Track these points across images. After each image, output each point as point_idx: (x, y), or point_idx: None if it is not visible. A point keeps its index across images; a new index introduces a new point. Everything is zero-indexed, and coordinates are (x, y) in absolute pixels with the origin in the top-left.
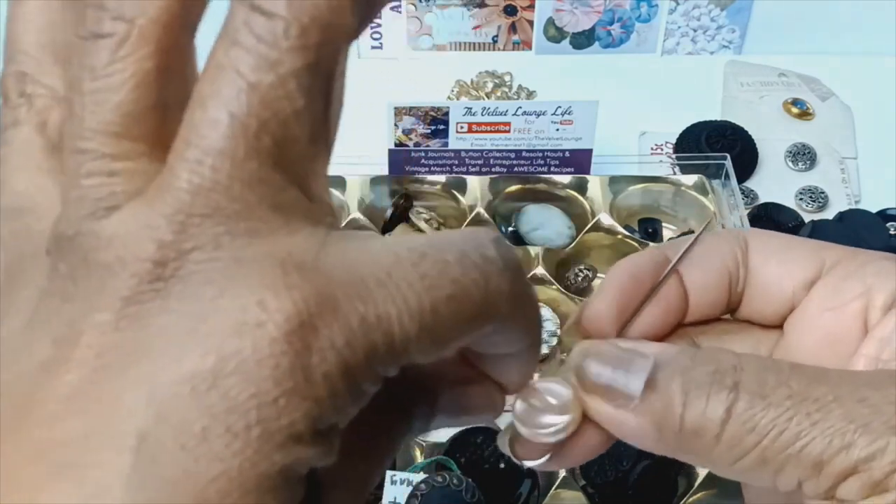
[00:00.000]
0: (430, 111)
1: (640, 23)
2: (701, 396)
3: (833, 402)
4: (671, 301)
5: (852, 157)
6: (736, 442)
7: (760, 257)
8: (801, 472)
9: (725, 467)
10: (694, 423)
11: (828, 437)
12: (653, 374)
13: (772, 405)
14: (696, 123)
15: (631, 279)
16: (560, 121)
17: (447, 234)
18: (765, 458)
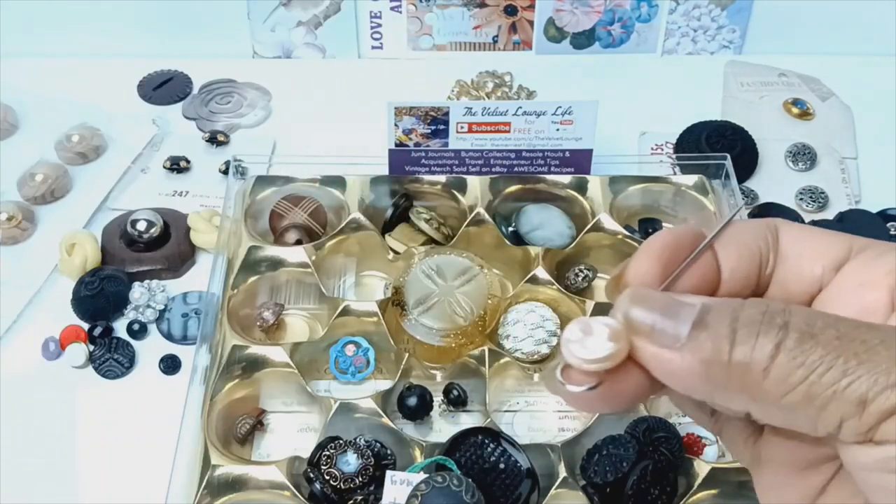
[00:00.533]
0: (431, 111)
1: (640, 23)
2: (751, 334)
3: (880, 344)
4: (706, 273)
5: (852, 157)
6: (784, 377)
7: (791, 241)
8: (845, 410)
9: (772, 403)
10: (743, 358)
11: (874, 377)
12: (701, 316)
13: (820, 343)
14: (697, 123)
15: (673, 242)
16: (560, 121)
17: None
18: (811, 394)
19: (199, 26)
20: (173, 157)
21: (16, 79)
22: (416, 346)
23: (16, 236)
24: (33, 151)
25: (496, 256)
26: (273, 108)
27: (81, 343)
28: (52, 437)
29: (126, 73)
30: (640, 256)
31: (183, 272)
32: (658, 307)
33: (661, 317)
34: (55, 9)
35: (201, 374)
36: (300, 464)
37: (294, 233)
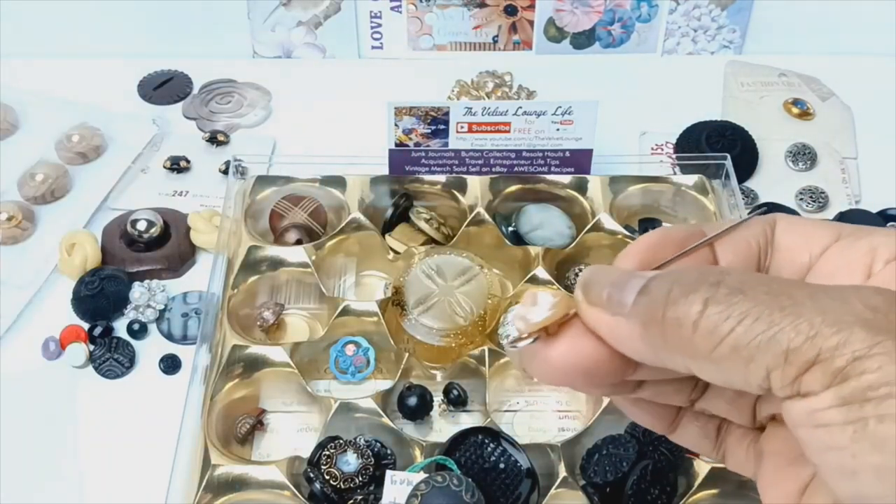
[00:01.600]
0: (431, 111)
1: (640, 23)
2: (684, 292)
3: (807, 298)
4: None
5: (852, 157)
6: (712, 330)
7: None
8: (770, 361)
9: (704, 358)
10: (675, 314)
11: (796, 327)
12: (646, 284)
13: (748, 297)
14: (697, 123)
15: (660, 241)
16: (560, 121)
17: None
18: (737, 346)
19: (199, 26)
20: (173, 157)
21: (16, 79)
22: (416, 345)
23: (16, 236)
24: (33, 151)
25: (496, 256)
26: (273, 108)
27: (81, 343)
28: (52, 437)
29: (126, 73)
30: (623, 255)
31: (183, 272)
32: (610, 279)
33: (612, 287)
34: (55, 9)
35: (201, 374)
36: (300, 463)
37: (294, 233)
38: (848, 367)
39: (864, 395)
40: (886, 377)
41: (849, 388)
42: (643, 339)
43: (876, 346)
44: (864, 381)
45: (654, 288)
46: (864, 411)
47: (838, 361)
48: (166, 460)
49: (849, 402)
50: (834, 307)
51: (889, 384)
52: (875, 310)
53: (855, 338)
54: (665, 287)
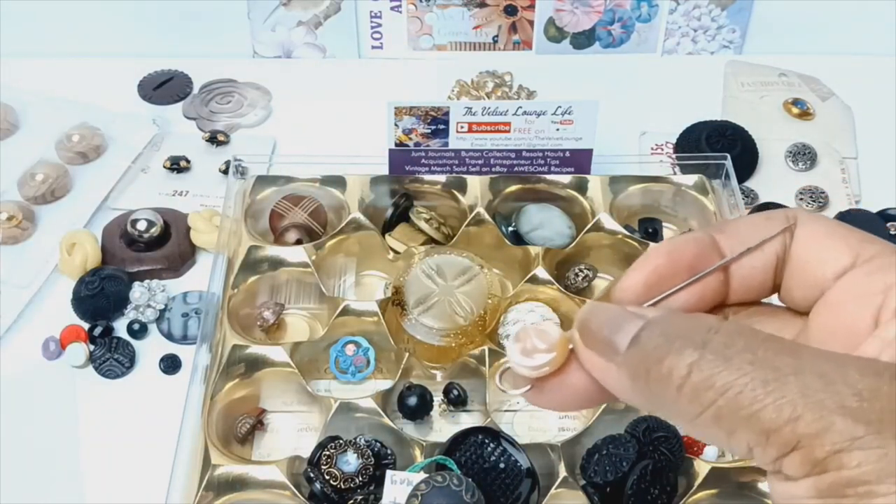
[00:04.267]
0: (431, 111)
1: (640, 23)
2: (669, 351)
3: (792, 374)
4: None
5: (852, 157)
6: (695, 396)
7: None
8: (751, 438)
9: (687, 421)
10: (659, 375)
11: (778, 408)
12: (640, 331)
13: (732, 367)
14: (697, 123)
15: (667, 257)
16: (560, 121)
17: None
18: (719, 417)
19: (199, 26)
20: (173, 157)
21: (16, 79)
22: (416, 345)
23: (16, 236)
24: (33, 151)
25: (496, 256)
26: (273, 108)
27: (81, 343)
28: (52, 437)
29: (126, 73)
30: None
31: (183, 272)
32: (608, 320)
33: (608, 330)
34: (55, 9)
35: (201, 374)
36: (300, 463)
37: (294, 232)
38: (827, 458)
39: (843, 491)
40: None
41: (827, 481)
42: (632, 390)
43: (857, 440)
44: (843, 477)
45: (644, 340)
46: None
47: (818, 452)
48: (166, 460)
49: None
50: (818, 389)
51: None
52: (860, 397)
53: (835, 428)
54: (654, 341)
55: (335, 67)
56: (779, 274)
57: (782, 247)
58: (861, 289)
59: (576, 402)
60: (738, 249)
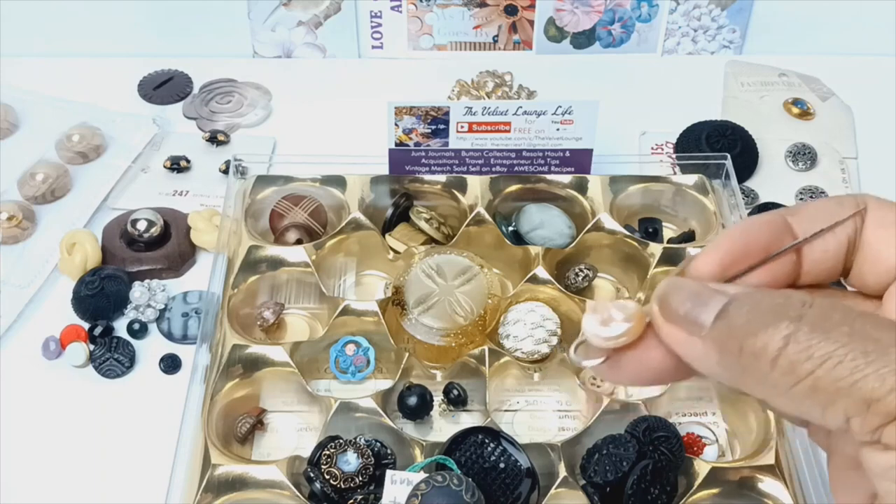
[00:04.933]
0: (431, 111)
1: (640, 23)
2: (764, 325)
3: (893, 345)
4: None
5: (852, 157)
6: (791, 368)
7: (873, 227)
8: (851, 408)
9: (781, 394)
10: (753, 347)
11: (882, 376)
12: (726, 306)
13: (831, 338)
14: (697, 123)
15: (742, 238)
16: (560, 120)
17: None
18: (817, 388)
19: (199, 26)
20: (173, 157)
21: (16, 79)
22: (416, 345)
23: (16, 236)
24: (33, 151)
25: (496, 256)
26: (273, 108)
27: (82, 342)
28: (52, 437)
29: (126, 73)
30: (704, 253)
31: (183, 272)
32: (690, 295)
33: (691, 305)
34: (55, 9)
35: (201, 374)
36: (300, 463)
37: (294, 232)
38: None
39: None
40: None
41: None
42: (719, 364)
43: None
44: None
45: (734, 313)
46: None
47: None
48: (166, 460)
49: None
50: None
51: None
52: None
53: None
54: (744, 314)
55: (335, 67)
56: (849, 258)
57: (854, 231)
58: None
59: (650, 377)
60: (810, 232)
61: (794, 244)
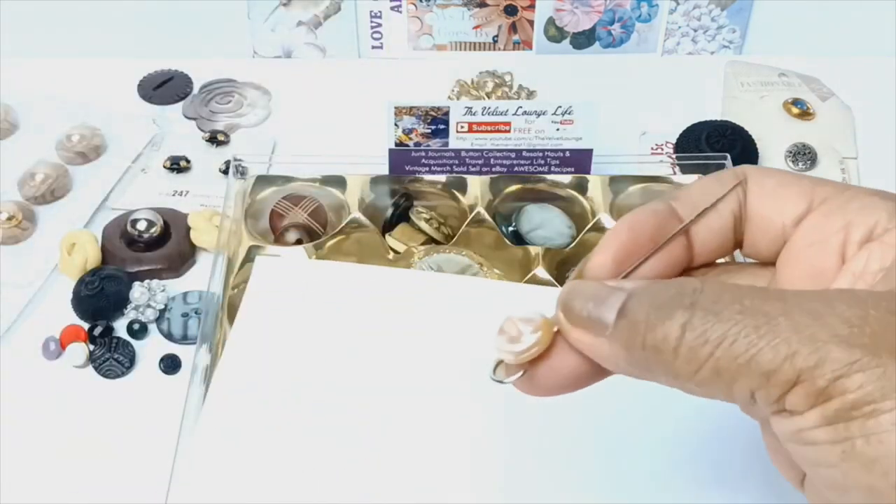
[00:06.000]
0: (431, 111)
1: (640, 23)
2: (661, 317)
3: (782, 315)
4: (673, 251)
5: (852, 157)
6: (692, 355)
7: (757, 196)
8: (752, 382)
9: (688, 381)
10: (654, 341)
11: (774, 348)
12: (624, 303)
13: (723, 319)
14: (697, 123)
15: (629, 232)
16: (560, 121)
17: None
18: (718, 369)
19: (199, 26)
20: (173, 157)
21: (16, 79)
22: None
23: (16, 236)
24: (33, 151)
25: (496, 256)
26: (273, 108)
27: (82, 343)
28: (52, 437)
29: (126, 73)
30: (597, 253)
31: (183, 272)
32: (590, 297)
33: (593, 306)
34: (55, 9)
35: (201, 374)
36: None
37: (294, 232)
38: (829, 386)
39: (849, 414)
40: (869, 395)
41: (832, 407)
42: (627, 361)
43: (854, 363)
44: (847, 401)
45: (632, 310)
46: (849, 431)
47: (819, 381)
48: (166, 460)
49: (834, 421)
50: (808, 324)
51: (873, 402)
52: (850, 324)
53: (832, 357)
54: (643, 309)
55: (335, 67)
56: (738, 231)
57: (738, 204)
58: (821, 231)
59: (568, 384)
60: (694, 214)
61: (679, 229)
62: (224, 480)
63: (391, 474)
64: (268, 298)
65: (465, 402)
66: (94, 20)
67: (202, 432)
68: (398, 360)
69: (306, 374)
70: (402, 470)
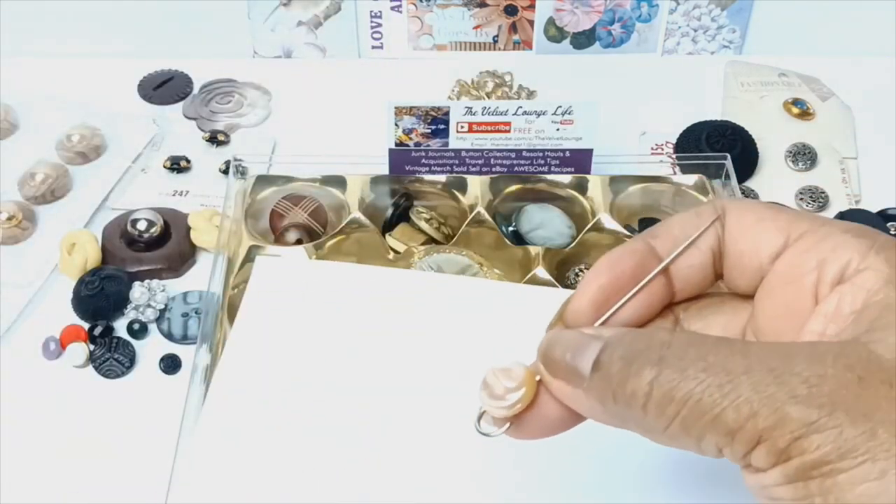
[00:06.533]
0: (431, 111)
1: (640, 23)
2: (630, 373)
3: (744, 373)
4: (653, 289)
5: (852, 157)
6: (660, 411)
7: (734, 232)
8: (718, 440)
9: (658, 434)
10: (625, 397)
11: (736, 408)
12: (599, 355)
13: (689, 377)
14: (697, 123)
15: (608, 274)
16: (560, 121)
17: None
18: (686, 426)
19: (199, 26)
20: (173, 157)
21: (16, 79)
22: None
23: (16, 236)
24: (33, 151)
25: (496, 256)
26: (273, 108)
27: (82, 342)
28: (52, 437)
29: (126, 73)
30: (577, 296)
31: (183, 272)
32: (568, 347)
33: (570, 356)
34: (55, 9)
35: (201, 374)
36: None
37: (294, 232)
38: (789, 446)
39: (808, 473)
40: (826, 456)
41: (793, 466)
42: (604, 413)
43: (812, 424)
44: (806, 461)
45: (606, 363)
46: (808, 489)
47: (779, 442)
48: (166, 460)
49: (794, 480)
50: (769, 383)
51: (830, 462)
52: (808, 383)
53: (791, 418)
54: (614, 363)
55: (335, 67)
56: (718, 265)
57: (716, 240)
58: (796, 268)
59: (555, 429)
60: (674, 251)
61: (658, 270)
62: (224, 480)
63: (391, 474)
64: (268, 298)
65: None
66: (94, 20)
67: (202, 432)
68: (398, 361)
69: (306, 374)
70: (401, 470)
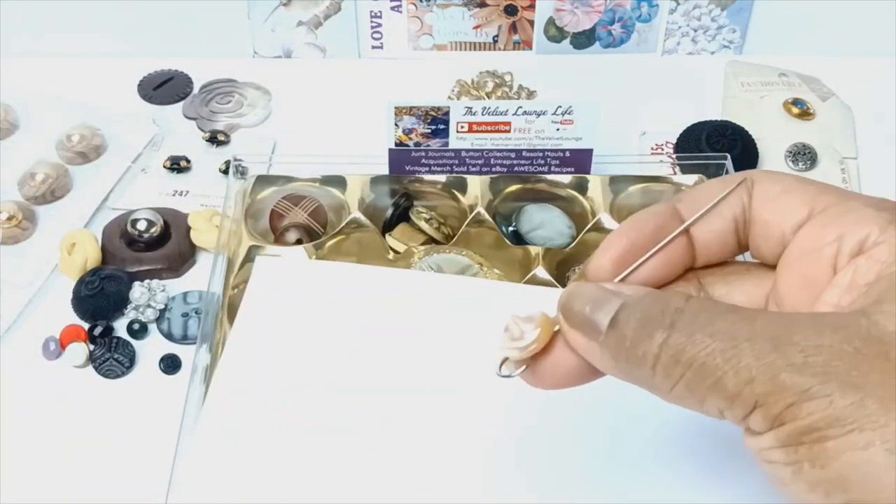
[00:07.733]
0: (431, 111)
1: (640, 23)
2: (643, 335)
3: (747, 341)
4: (674, 251)
5: (852, 157)
6: (667, 373)
7: (760, 201)
8: (719, 402)
9: (665, 394)
10: (635, 354)
11: (737, 372)
12: (617, 312)
13: (695, 342)
14: (697, 123)
15: (630, 233)
16: (560, 120)
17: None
18: (690, 388)
19: (199, 26)
20: (173, 157)
21: (16, 79)
22: None
23: (16, 236)
24: (33, 151)
25: (496, 256)
26: (273, 108)
27: (82, 343)
28: (51, 437)
29: (126, 73)
30: (599, 253)
31: (183, 272)
32: (587, 300)
33: (589, 310)
34: (55, 9)
35: (201, 374)
36: None
37: (294, 232)
38: (783, 412)
39: (799, 439)
40: (816, 423)
41: (786, 431)
42: (616, 368)
43: (805, 392)
44: (798, 426)
45: (621, 322)
46: (799, 454)
47: (774, 408)
48: (166, 460)
49: (787, 444)
50: (769, 351)
51: (819, 429)
52: (805, 353)
53: (786, 385)
54: (630, 323)
55: (335, 67)
56: (742, 234)
57: (741, 208)
58: (817, 240)
59: (568, 380)
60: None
61: (679, 230)
62: (224, 480)
63: (391, 474)
64: (268, 298)
65: (465, 401)
66: (94, 20)
67: (202, 432)
68: (398, 361)
69: (306, 374)
70: (402, 470)
